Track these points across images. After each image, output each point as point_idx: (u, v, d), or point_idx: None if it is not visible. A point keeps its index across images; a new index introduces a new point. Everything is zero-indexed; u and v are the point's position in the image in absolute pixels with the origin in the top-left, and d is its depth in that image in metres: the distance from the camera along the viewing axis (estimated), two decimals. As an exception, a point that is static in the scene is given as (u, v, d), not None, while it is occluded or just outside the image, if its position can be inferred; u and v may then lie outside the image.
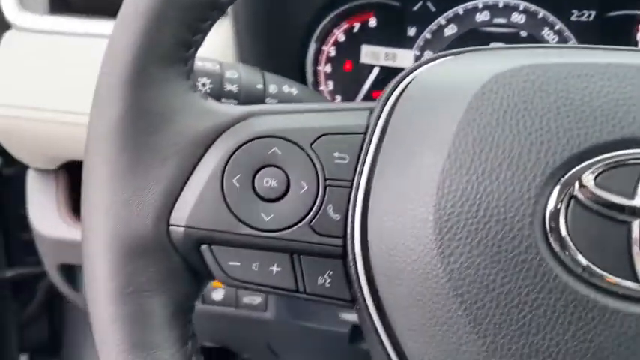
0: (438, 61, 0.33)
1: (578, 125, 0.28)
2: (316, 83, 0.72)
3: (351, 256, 0.32)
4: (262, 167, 0.33)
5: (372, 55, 0.70)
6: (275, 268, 0.33)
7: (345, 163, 0.32)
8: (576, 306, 0.27)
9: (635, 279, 0.27)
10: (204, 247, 0.32)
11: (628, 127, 0.27)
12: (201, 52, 0.44)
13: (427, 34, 0.69)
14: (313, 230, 0.32)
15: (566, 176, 0.27)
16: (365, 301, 0.31)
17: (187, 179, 0.32)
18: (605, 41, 0.62)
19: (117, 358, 0.31)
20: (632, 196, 0.27)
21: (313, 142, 0.33)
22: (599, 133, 0.27)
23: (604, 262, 0.27)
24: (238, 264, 0.33)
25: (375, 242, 0.31)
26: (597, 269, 0.27)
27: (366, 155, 0.32)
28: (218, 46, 0.60)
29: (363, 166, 0.32)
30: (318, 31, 0.70)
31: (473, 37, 0.67)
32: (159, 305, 0.32)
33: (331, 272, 0.33)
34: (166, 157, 0.32)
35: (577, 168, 0.27)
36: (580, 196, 0.27)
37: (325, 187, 0.32)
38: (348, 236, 0.32)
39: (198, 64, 0.45)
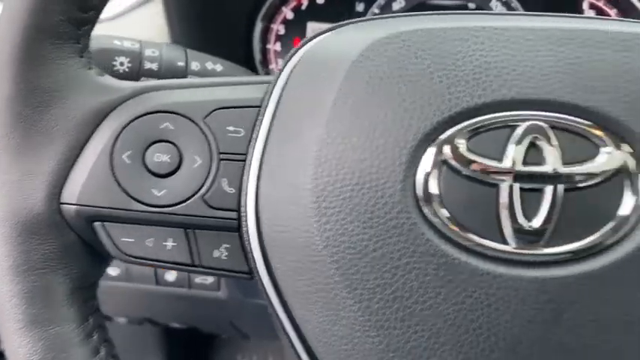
0: (326, 34, 0.33)
1: (449, 90, 0.28)
2: (265, 62, 0.71)
3: (244, 228, 0.32)
4: (154, 142, 0.33)
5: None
6: (170, 244, 0.33)
7: (239, 137, 0.32)
8: (447, 269, 0.27)
9: (503, 241, 0.27)
10: (97, 224, 0.33)
11: (498, 90, 0.27)
12: (137, 36, 0.45)
13: (375, 9, 0.68)
14: (207, 204, 0.32)
15: (437, 141, 0.27)
16: (258, 271, 0.32)
17: (77, 156, 0.32)
18: (552, 12, 0.61)
19: (16, 334, 0.32)
20: (500, 159, 0.27)
21: (206, 116, 0.33)
22: (469, 97, 0.27)
23: (474, 224, 0.27)
24: (132, 240, 0.33)
25: (264, 213, 0.31)
26: (468, 232, 0.27)
27: (259, 128, 0.32)
28: (153, 31, 0.59)
29: (257, 139, 0.32)
30: (264, 9, 0.70)
31: (421, 11, 0.67)
32: (56, 282, 0.32)
33: (227, 245, 0.33)
34: (56, 134, 0.32)
35: (448, 132, 0.27)
36: (451, 160, 0.27)
37: (219, 161, 0.32)
38: (242, 209, 0.32)
39: (116, 43, 0.45)
